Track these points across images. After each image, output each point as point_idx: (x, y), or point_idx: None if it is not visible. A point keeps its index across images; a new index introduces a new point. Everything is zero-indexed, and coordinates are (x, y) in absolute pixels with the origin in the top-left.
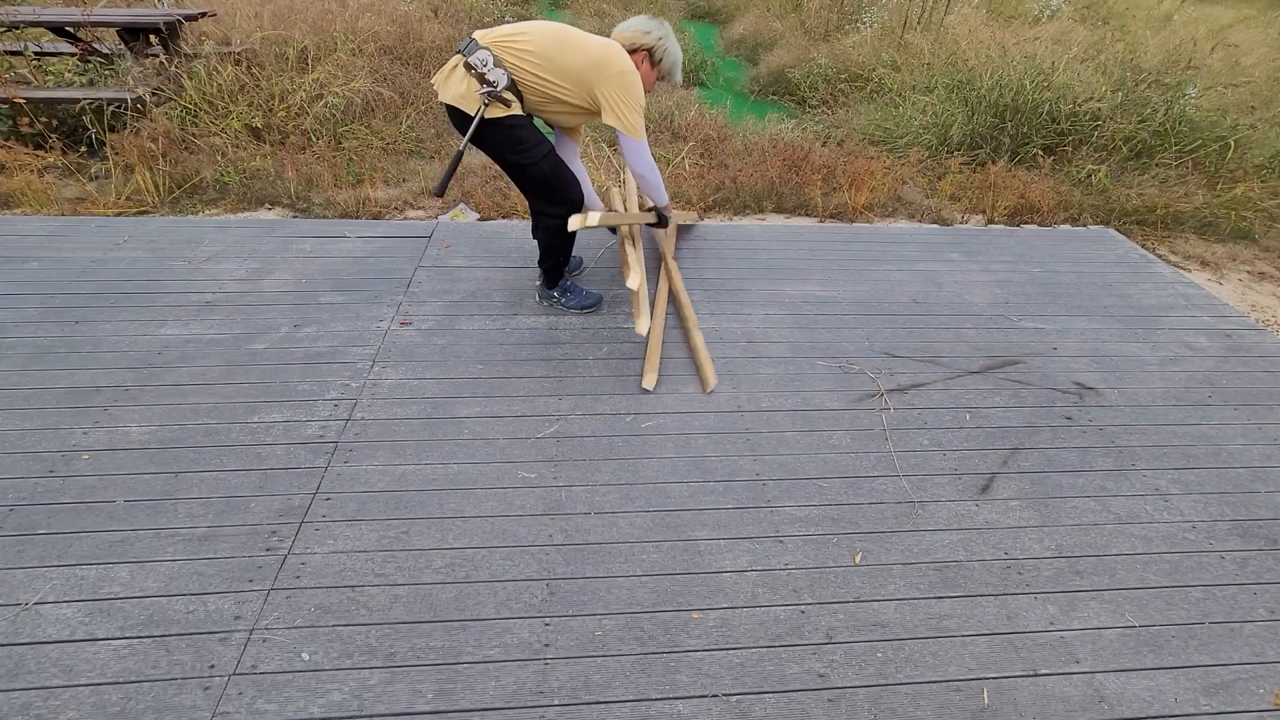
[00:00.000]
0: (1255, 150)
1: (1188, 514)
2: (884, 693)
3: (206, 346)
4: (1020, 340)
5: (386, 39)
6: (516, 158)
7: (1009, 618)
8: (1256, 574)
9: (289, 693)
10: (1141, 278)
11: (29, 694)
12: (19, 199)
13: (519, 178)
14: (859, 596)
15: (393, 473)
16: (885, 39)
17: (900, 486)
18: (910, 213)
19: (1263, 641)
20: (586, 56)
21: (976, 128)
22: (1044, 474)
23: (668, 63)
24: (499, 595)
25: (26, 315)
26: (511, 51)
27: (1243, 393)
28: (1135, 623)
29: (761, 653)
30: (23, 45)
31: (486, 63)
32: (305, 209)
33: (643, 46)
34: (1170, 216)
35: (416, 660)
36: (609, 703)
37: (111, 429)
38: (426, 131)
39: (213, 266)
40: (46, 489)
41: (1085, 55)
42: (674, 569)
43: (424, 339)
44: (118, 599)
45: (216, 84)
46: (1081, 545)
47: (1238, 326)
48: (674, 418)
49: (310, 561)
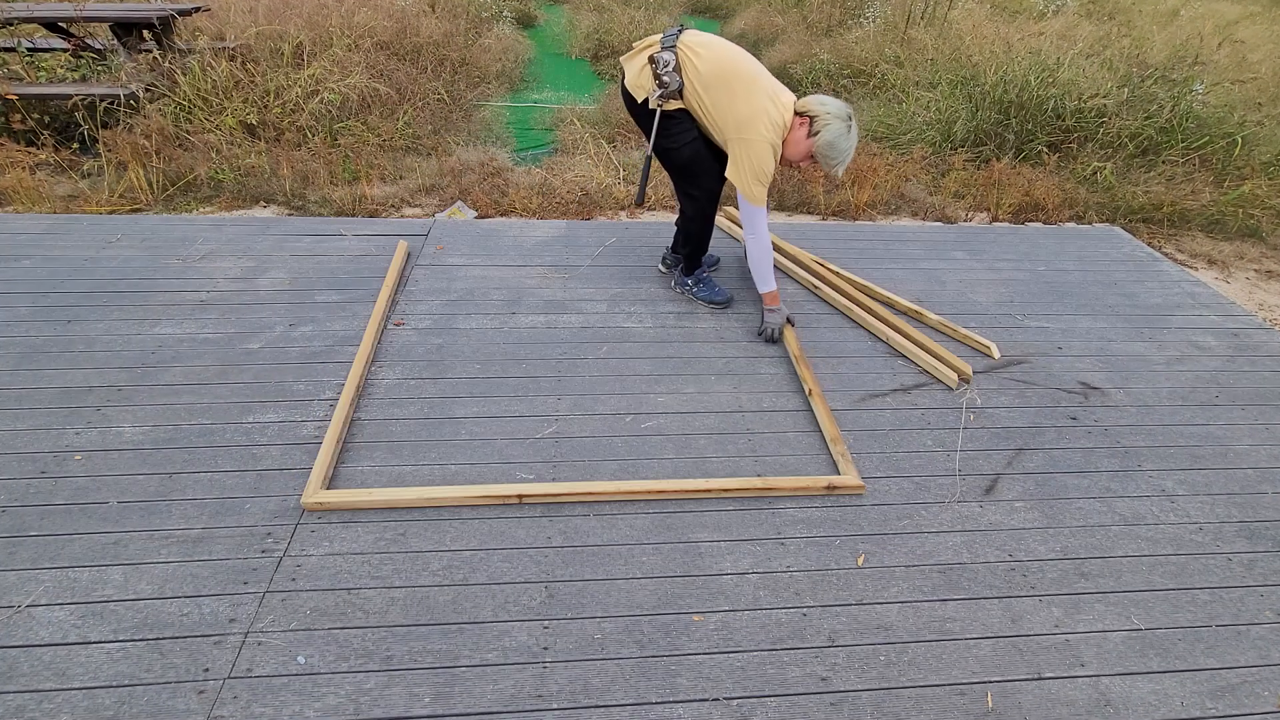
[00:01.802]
0: (1263, 147)
1: (1194, 515)
2: (887, 696)
3: (201, 346)
4: (1025, 339)
5: (383, 34)
6: (663, 141)
7: (1013, 620)
8: (1264, 576)
9: (284, 696)
10: (1148, 276)
11: (22, 697)
12: (11, 196)
13: (664, 159)
14: (861, 599)
15: (389, 473)
16: (888, 34)
17: (903, 487)
18: (914, 210)
19: (1270, 644)
20: (738, 110)
21: (981, 124)
22: (1049, 475)
23: (823, 139)
24: (497, 598)
25: (18, 314)
26: (689, 60)
27: (1250, 392)
28: (1141, 625)
29: (763, 656)
30: (15, 41)
31: (669, 64)
32: (301, 207)
33: (810, 114)
34: (1177, 214)
35: (414, 664)
36: (608, 706)
37: (104, 429)
38: (423, 128)
39: (207, 265)
40: (38, 490)
41: (1091, 51)
42: (674, 571)
43: (420, 338)
44: (111, 601)
45: (211, 80)
46: (1087, 547)
47: (1245, 325)
48: (674, 418)
49: (306, 564)
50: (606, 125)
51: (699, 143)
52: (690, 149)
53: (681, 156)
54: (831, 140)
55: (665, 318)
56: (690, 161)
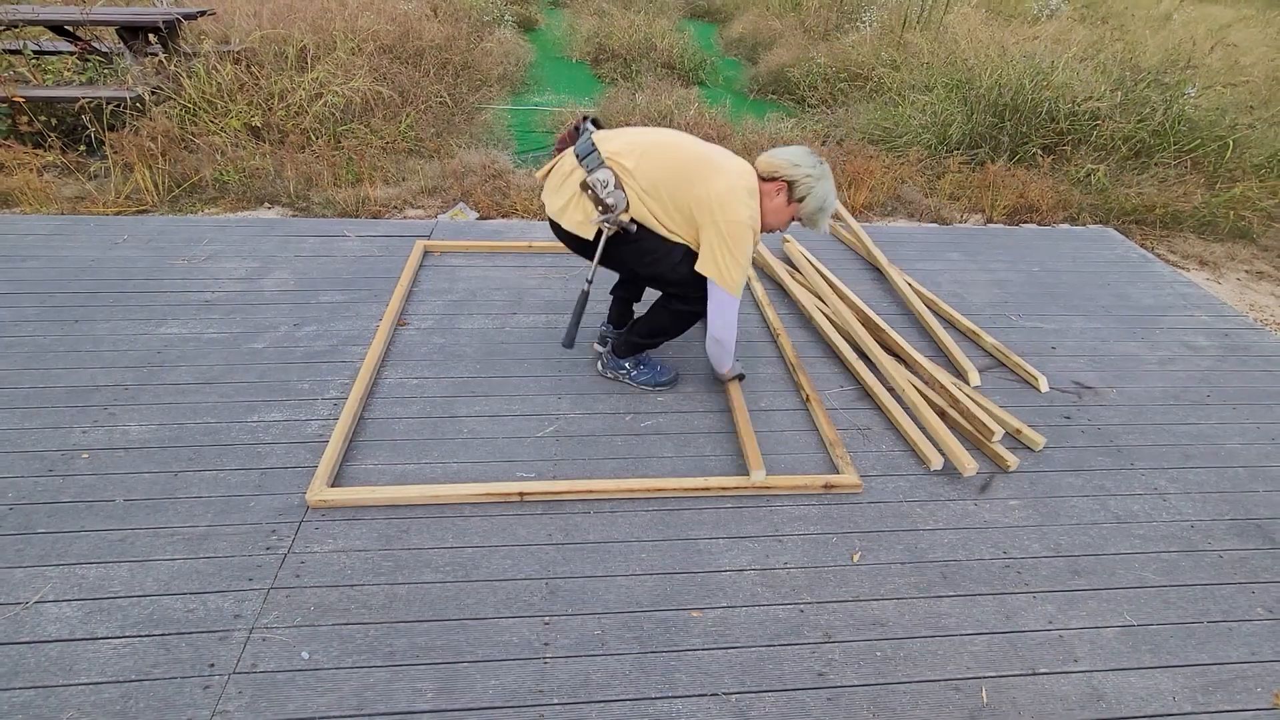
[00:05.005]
0: (1254, 150)
1: (1186, 513)
2: (883, 691)
3: (206, 345)
4: (1019, 339)
5: (386, 38)
6: (652, 269)
7: (1008, 617)
8: (1254, 573)
9: (289, 691)
10: (1140, 277)
11: (28, 693)
12: (18, 198)
13: (658, 284)
14: (858, 596)
15: (392, 471)
16: (885, 38)
17: (899, 485)
18: (909, 212)
19: (1260, 640)
20: (704, 193)
21: (976, 127)
22: (1043, 473)
23: (811, 205)
24: (499, 594)
25: (25, 314)
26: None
27: (1241, 392)
28: (1133, 621)
29: (761, 651)
30: (22, 44)
31: (608, 184)
32: (304, 208)
33: (784, 178)
34: (1169, 216)
35: (416, 659)
36: (608, 701)
37: (111, 428)
38: (426, 130)
39: (212, 265)
40: (46, 488)
41: (1084, 54)
42: (673, 568)
43: (423, 338)
44: (117, 598)
45: (216, 83)
46: (1080, 544)
47: (1236, 326)
48: (674, 417)
49: (310, 560)
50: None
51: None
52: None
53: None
54: (821, 203)
55: None
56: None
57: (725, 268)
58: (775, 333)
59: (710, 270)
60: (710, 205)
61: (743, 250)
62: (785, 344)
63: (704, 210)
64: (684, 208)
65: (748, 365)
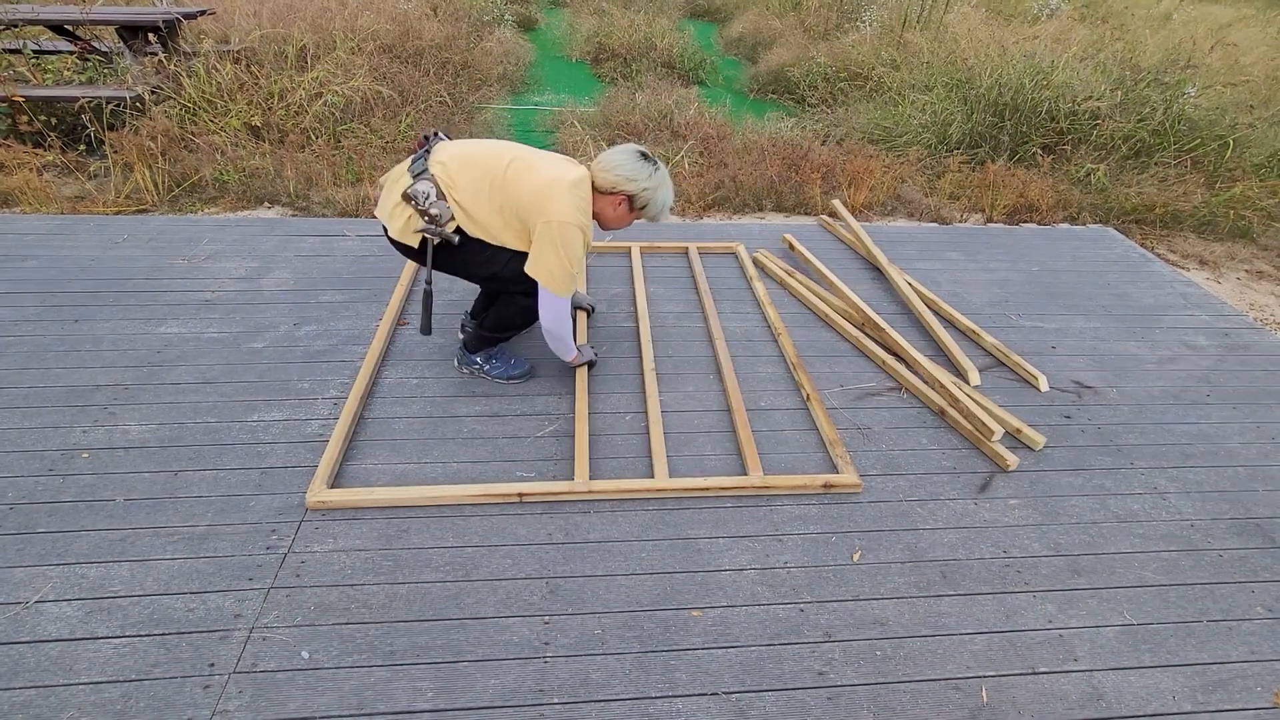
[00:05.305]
0: (1254, 149)
1: (1186, 512)
2: (883, 691)
3: (206, 345)
4: (1019, 339)
5: (385, 37)
6: (485, 270)
7: (1008, 616)
8: (1254, 572)
9: (289, 691)
10: (1140, 277)
11: (29, 692)
12: (18, 197)
13: (495, 284)
14: (858, 595)
15: (392, 471)
16: (885, 37)
17: (899, 485)
18: (909, 211)
19: (1260, 639)
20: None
21: (976, 126)
22: (1043, 473)
23: (652, 211)
24: (499, 593)
25: (25, 314)
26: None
27: (1241, 391)
28: (1133, 620)
29: (761, 651)
30: (21, 43)
31: (429, 195)
32: (304, 208)
33: (623, 192)
34: (1169, 215)
35: (416, 658)
36: (608, 700)
37: (111, 427)
38: (425, 130)
39: (212, 265)
40: (46, 487)
41: (1084, 54)
42: (673, 567)
43: (423, 338)
44: (118, 597)
45: (215, 82)
46: (1080, 544)
47: (1236, 325)
48: (674, 417)
49: (310, 560)
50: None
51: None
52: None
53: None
54: (661, 208)
55: (664, 317)
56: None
57: (551, 270)
58: (776, 332)
59: (536, 272)
60: (539, 204)
61: (571, 250)
62: (785, 344)
63: (533, 211)
64: (511, 211)
65: (748, 365)
